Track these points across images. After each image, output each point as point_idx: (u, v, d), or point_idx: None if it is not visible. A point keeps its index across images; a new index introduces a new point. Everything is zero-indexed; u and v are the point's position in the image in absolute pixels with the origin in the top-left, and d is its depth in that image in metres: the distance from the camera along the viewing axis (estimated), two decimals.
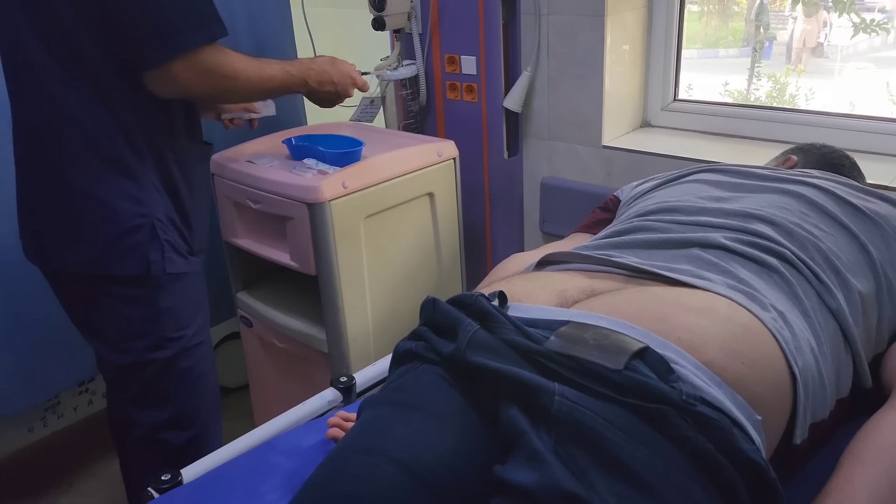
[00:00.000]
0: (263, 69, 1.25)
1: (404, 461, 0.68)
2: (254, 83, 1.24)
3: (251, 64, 1.23)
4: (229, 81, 1.19)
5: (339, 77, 1.40)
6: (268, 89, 1.29)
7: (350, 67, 1.44)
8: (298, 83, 1.34)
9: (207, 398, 1.42)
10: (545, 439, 0.66)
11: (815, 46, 2.92)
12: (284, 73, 1.30)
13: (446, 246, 1.78)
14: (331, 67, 1.39)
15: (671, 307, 0.78)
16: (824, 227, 0.94)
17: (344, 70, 1.42)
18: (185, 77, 1.13)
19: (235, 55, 1.20)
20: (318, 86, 1.37)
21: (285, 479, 0.92)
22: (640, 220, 1.00)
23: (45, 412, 1.99)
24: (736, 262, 0.87)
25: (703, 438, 0.64)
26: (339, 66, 1.42)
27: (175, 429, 1.36)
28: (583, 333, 0.73)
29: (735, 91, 2.49)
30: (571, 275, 0.90)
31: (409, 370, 0.81)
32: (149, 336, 1.29)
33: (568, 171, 1.82)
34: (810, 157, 1.23)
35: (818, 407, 0.80)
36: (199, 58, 1.13)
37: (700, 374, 0.70)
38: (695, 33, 2.78)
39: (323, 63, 1.39)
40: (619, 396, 0.66)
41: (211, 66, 1.15)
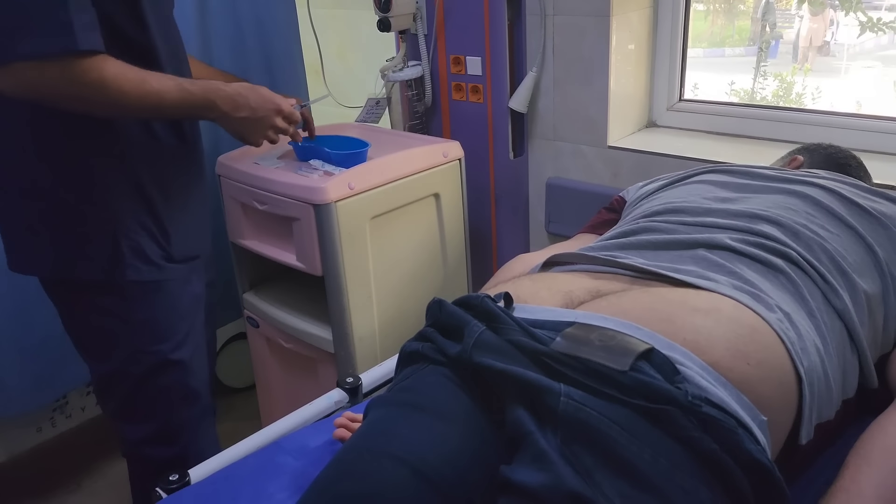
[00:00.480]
0: (147, 83, 1.08)
1: (411, 461, 0.69)
2: (132, 97, 1.07)
3: (131, 75, 1.06)
4: (94, 91, 1.03)
5: (258, 103, 1.23)
6: (154, 106, 1.10)
7: (276, 96, 1.27)
8: (202, 104, 1.16)
9: (195, 414, 1.35)
10: (551, 440, 0.66)
11: (822, 45, 2.91)
12: (181, 90, 1.12)
13: (452, 246, 1.79)
14: (249, 92, 1.22)
15: (677, 308, 0.78)
16: (830, 228, 0.94)
17: (266, 96, 1.25)
18: (27, 80, 1.00)
19: (114, 66, 1.05)
20: (230, 110, 1.19)
21: (292, 478, 0.92)
22: (646, 220, 1.00)
23: (53, 412, 2.00)
24: (742, 262, 0.87)
25: (709, 439, 0.65)
26: (261, 92, 1.25)
27: (160, 444, 1.32)
28: (588, 334, 0.73)
29: (741, 90, 2.49)
30: (577, 276, 0.90)
31: (416, 371, 0.81)
32: (122, 348, 1.25)
33: (573, 172, 1.82)
34: (816, 157, 1.23)
35: (824, 407, 0.80)
36: (52, 64, 1.00)
37: (705, 375, 0.70)
38: (700, 32, 2.77)
39: (239, 87, 1.22)
40: (625, 397, 0.67)
41: (71, 73, 1.01)
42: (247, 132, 1.24)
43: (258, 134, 1.26)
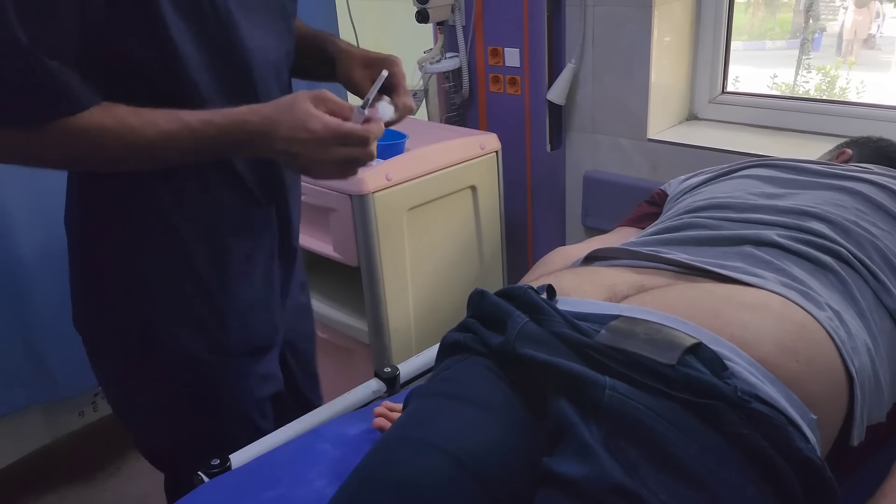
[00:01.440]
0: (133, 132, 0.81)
1: (451, 451, 0.68)
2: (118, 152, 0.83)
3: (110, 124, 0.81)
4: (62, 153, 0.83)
5: (293, 131, 0.82)
6: (156, 158, 0.85)
7: (313, 115, 0.82)
8: (227, 145, 0.85)
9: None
10: (595, 432, 0.66)
11: (867, 38, 2.84)
12: (190, 131, 0.83)
13: (488, 239, 1.78)
14: (281, 114, 0.83)
15: (724, 303, 0.76)
16: (882, 225, 0.91)
17: (300, 118, 0.82)
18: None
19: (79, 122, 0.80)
20: (269, 145, 0.84)
21: (331, 466, 0.93)
22: (690, 216, 0.99)
23: (94, 397, 2.04)
24: (790, 260, 0.85)
25: (758, 435, 0.63)
26: (297, 111, 0.82)
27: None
28: (634, 328, 0.72)
29: (783, 84, 2.44)
30: (620, 270, 0.89)
31: (457, 361, 0.81)
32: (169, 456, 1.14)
33: (611, 165, 1.80)
34: (865, 150, 1.20)
35: (874, 408, 0.78)
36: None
37: (754, 371, 0.69)
38: (741, 25, 2.72)
39: (271, 109, 0.84)
40: (672, 391, 0.66)
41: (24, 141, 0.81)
42: (297, 167, 0.87)
43: (308, 169, 0.86)
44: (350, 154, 0.84)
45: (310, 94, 0.84)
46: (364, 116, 0.86)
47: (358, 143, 0.84)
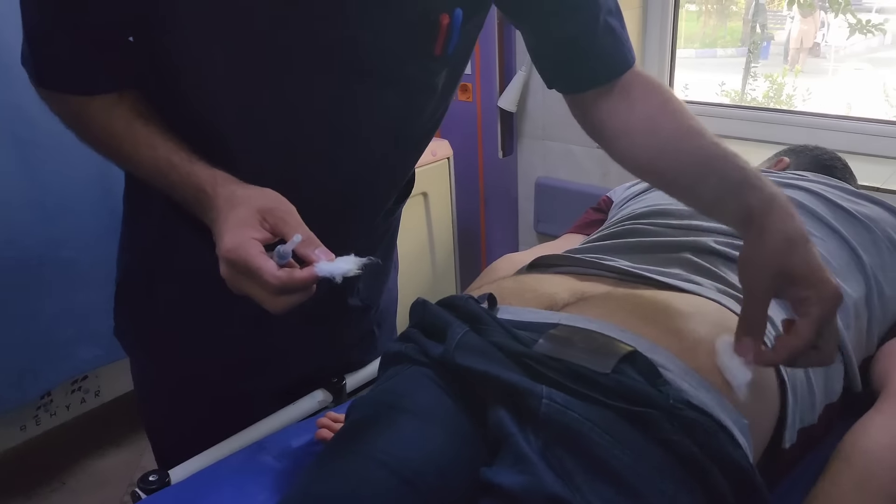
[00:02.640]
0: (116, 139, 0.76)
1: (391, 463, 0.68)
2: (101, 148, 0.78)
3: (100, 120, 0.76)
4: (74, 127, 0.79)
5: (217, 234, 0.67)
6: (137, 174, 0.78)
7: (233, 237, 0.65)
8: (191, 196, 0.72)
9: None
10: (533, 442, 0.66)
11: (813, 46, 2.92)
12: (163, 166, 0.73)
13: (440, 246, 1.78)
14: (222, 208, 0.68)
15: (660, 311, 0.77)
16: (815, 232, 0.94)
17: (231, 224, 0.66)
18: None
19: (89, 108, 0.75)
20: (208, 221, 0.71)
21: (274, 479, 0.91)
22: (632, 223, 1.00)
23: (37, 410, 1.98)
24: (727, 266, 0.87)
25: (690, 442, 0.64)
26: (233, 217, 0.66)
27: None
28: (571, 336, 0.72)
29: (732, 91, 2.49)
30: (562, 278, 0.90)
31: (399, 372, 0.81)
32: None
33: (563, 171, 1.82)
34: (802, 158, 1.23)
35: (806, 412, 0.80)
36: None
37: (688, 379, 0.70)
38: (693, 33, 2.78)
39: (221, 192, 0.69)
40: (607, 400, 0.66)
41: (50, 103, 0.78)
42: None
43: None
44: (254, 293, 0.65)
45: (268, 199, 0.68)
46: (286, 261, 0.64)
47: (260, 284, 0.63)
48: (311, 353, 1.02)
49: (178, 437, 1.06)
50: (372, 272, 0.95)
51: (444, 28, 0.71)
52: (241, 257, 0.63)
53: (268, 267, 0.62)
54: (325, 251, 0.65)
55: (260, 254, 0.63)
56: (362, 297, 1.04)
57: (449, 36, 0.72)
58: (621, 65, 0.80)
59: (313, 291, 0.65)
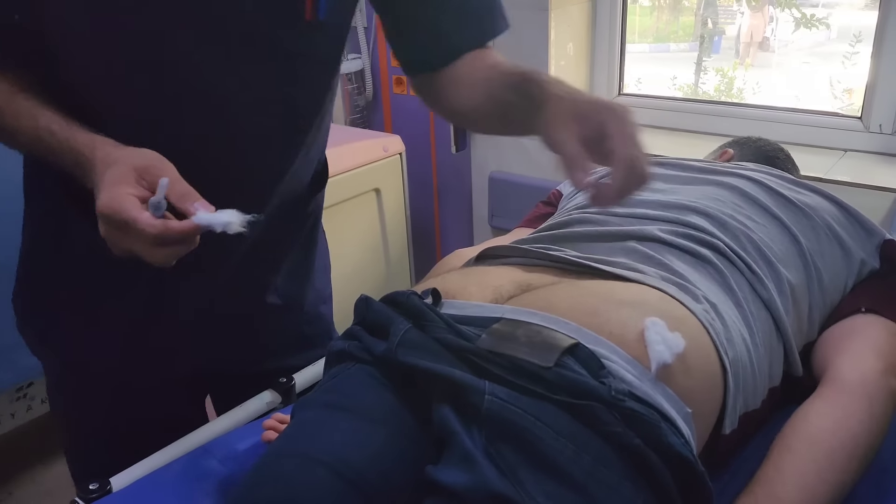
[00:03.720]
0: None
1: (332, 464, 0.67)
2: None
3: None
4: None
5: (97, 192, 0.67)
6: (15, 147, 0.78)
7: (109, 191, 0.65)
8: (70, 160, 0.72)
9: None
10: (476, 439, 0.65)
11: (762, 41, 2.97)
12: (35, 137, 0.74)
13: (394, 242, 1.77)
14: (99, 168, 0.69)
15: (603, 301, 0.77)
16: (757, 219, 0.95)
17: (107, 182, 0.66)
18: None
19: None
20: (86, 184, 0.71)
21: (219, 484, 0.89)
22: (579, 212, 1.00)
23: None
24: (671, 254, 0.87)
25: (632, 433, 0.64)
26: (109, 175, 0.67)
27: None
28: (514, 330, 0.72)
29: (684, 85, 2.52)
30: (508, 269, 0.89)
31: (342, 370, 0.79)
32: None
33: (516, 166, 1.82)
34: (746, 150, 1.25)
35: (749, 397, 0.80)
36: None
37: (630, 369, 0.69)
38: (646, 28, 2.81)
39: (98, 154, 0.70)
40: (550, 394, 0.66)
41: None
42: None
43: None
44: (133, 247, 0.66)
45: (144, 157, 0.69)
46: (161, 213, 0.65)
47: (146, 239, 0.64)
48: (230, 349, 1.01)
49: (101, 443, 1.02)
50: (293, 270, 0.98)
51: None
52: (115, 210, 0.64)
53: (143, 217, 0.63)
54: (205, 204, 0.65)
55: (134, 206, 0.64)
56: (281, 295, 1.02)
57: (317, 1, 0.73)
58: (480, 36, 0.90)
59: (196, 243, 0.67)
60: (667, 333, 0.71)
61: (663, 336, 0.70)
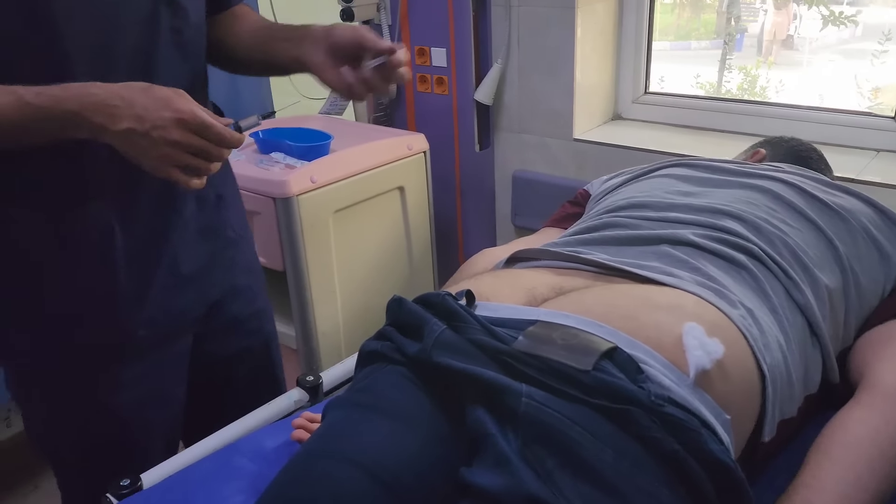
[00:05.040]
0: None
1: (367, 465, 0.67)
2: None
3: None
4: None
5: (148, 108, 0.78)
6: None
7: (181, 100, 0.79)
8: (60, 118, 0.78)
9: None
10: (512, 441, 0.65)
11: (786, 38, 2.93)
12: (21, 106, 0.77)
13: (417, 240, 1.76)
14: (136, 94, 0.78)
15: (639, 304, 0.77)
16: (791, 223, 0.94)
17: (161, 98, 0.78)
18: None
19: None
20: (105, 122, 0.77)
21: (249, 482, 0.89)
22: (610, 216, 0.99)
23: (8, 413, 1.95)
24: (705, 258, 0.86)
25: (671, 439, 0.64)
26: (158, 93, 0.79)
27: None
28: (551, 333, 0.71)
29: (707, 83, 2.50)
30: (540, 272, 0.89)
31: (375, 371, 0.79)
32: None
33: (539, 164, 1.81)
34: (778, 150, 1.23)
35: (786, 404, 0.79)
36: None
37: (668, 374, 0.69)
38: (667, 25, 2.78)
39: (122, 87, 0.79)
40: (587, 397, 0.65)
41: None
42: (137, 152, 0.79)
43: (152, 155, 0.79)
44: (203, 147, 0.80)
45: (173, 88, 0.81)
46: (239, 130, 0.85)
47: (215, 139, 0.80)
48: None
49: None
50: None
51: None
52: (196, 115, 0.79)
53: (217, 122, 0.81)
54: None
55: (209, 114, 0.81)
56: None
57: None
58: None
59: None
60: (705, 339, 0.70)
61: (702, 341, 0.70)
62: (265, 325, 1.19)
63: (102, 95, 0.78)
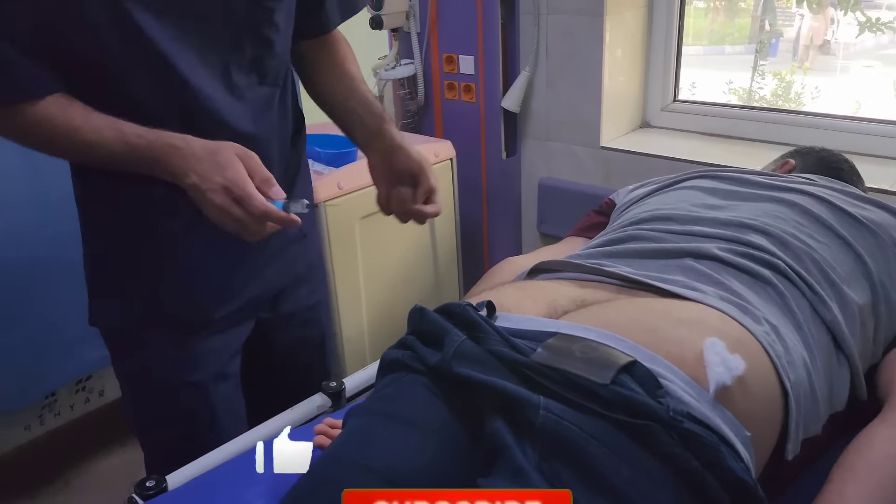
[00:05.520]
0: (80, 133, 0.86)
1: (385, 473, 0.67)
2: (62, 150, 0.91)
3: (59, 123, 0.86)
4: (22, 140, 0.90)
5: (208, 170, 0.85)
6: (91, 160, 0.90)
7: (238, 169, 0.85)
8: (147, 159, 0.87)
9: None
10: (529, 454, 0.65)
11: (823, 44, 2.88)
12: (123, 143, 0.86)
13: (443, 246, 1.77)
14: (208, 154, 0.86)
15: (661, 319, 0.76)
16: (819, 237, 0.92)
17: (221, 163, 0.85)
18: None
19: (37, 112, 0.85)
20: (178, 172, 0.87)
21: (271, 486, 0.91)
22: (634, 228, 0.99)
23: (42, 410, 1.99)
24: (729, 273, 0.85)
25: (690, 456, 0.63)
26: (222, 157, 0.85)
27: None
28: (570, 346, 0.71)
29: (739, 89, 2.46)
30: (562, 284, 0.89)
31: (396, 380, 0.80)
32: None
33: (566, 172, 1.81)
34: (808, 160, 1.21)
35: (811, 422, 0.78)
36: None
37: (688, 389, 0.68)
38: (701, 29, 2.75)
39: (204, 145, 0.86)
40: (606, 411, 0.65)
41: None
42: (199, 204, 0.87)
43: (207, 210, 0.86)
44: (241, 218, 0.85)
45: (238, 148, 0.87)
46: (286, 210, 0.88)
47: (257, 215, 0.85)
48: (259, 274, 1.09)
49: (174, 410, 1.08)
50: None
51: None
52: (239, 185, 0.84)
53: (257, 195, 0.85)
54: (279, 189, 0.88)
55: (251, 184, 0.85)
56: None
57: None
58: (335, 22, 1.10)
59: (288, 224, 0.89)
60: (726, 354, 0.70)
61: (723, 357, 0.69)
62: (322, 316, 1.27)
63: (182, 150, 0.87)
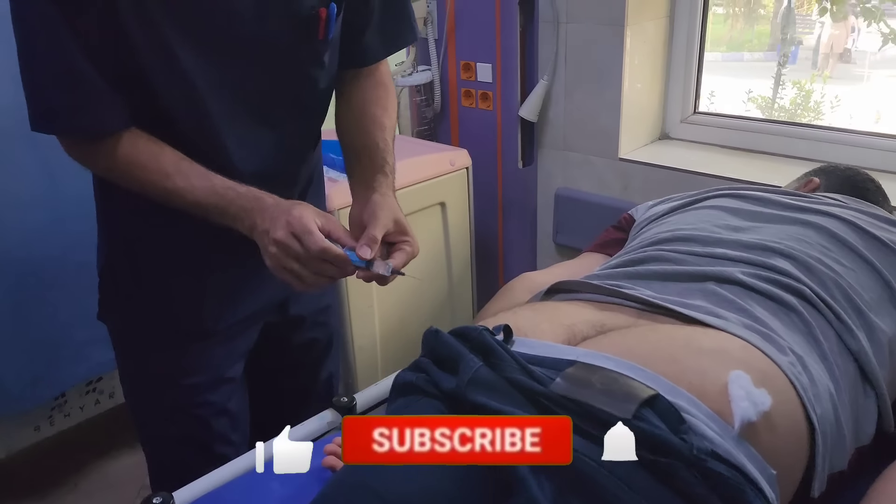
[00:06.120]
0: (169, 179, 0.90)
1: (396, 501, 0.66)
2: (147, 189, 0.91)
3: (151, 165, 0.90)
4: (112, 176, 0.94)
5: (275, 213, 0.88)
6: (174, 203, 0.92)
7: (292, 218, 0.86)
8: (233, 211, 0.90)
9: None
10: (546, 488, 0.63)
11: (843, 52, 2.84)
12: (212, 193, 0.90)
13: (457, 256, 1.75)
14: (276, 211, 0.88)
15: (682, 348, 0.74)
16: (846, 262, 0.90)
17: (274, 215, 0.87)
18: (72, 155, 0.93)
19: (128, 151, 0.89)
20: (247, 227, 0.90)
21: None
22: (654, 248, 0.96)
23: (51, 411, 1.99)
24: (753, 299, 0.83)
25: (715, 497, 0.61)
26: (277, 211, 0.88)
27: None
28: (590, 376, 0.69)
29: (759, 97, 2.43)
30: (581, 307, 0.87)
31: (409, 403, 0.78)
32: None
33: (583, 183, 1.78)
34: (833, 179, 1.19)
35: (836, 457, 0.76)
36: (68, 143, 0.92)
37: (712, 424, 0.66)
38: (720, 36, 2.72)
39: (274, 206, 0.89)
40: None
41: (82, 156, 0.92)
42: (263, 249, 0.89)
43: (265, 252, 0.88)
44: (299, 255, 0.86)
45: (315, 210, 0.89)
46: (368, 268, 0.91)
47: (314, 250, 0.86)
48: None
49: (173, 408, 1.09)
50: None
51: (323, 19, 0.93)
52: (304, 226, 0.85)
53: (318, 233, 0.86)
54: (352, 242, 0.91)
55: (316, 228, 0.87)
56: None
57: (328, 24, 0.94)
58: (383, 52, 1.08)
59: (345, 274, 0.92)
60: (752, 388, 0.67)
61: (748, 391, 0.67)
62: (331, 319, 1.27)
63: (267, 204, 0.89)
